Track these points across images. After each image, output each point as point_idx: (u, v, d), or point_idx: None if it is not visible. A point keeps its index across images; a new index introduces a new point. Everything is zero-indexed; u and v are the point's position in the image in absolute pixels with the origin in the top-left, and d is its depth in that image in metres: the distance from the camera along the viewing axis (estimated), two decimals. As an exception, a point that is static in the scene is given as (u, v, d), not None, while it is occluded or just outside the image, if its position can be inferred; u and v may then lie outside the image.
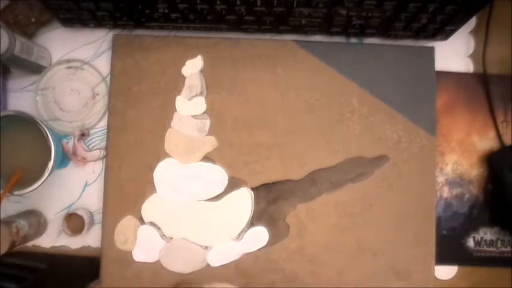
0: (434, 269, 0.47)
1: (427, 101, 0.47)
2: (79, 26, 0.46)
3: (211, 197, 0.46)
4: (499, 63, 0.48)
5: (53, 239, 0.48)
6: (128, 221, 0.46)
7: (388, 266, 0.46)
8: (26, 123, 0.43)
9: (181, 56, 0.46)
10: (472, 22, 0.48)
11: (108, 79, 0.48)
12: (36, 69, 0.47)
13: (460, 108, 0.49)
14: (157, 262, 0.46)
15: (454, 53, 0.49)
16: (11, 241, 0.41)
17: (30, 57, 0.44)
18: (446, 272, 0.49)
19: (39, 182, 0.42)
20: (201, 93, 0.46)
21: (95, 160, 0.48)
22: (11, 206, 0.48)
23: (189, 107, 0.46)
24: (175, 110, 0.46)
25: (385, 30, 0.46)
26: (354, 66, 0.47)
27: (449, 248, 0.48)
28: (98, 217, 0.48)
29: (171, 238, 0.46)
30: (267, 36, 0.48)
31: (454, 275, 0.49)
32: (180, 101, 0.46)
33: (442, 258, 0.47)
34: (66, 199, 0.48)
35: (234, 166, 0.46)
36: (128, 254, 0.46)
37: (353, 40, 0.48)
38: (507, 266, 0.49)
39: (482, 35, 0.48)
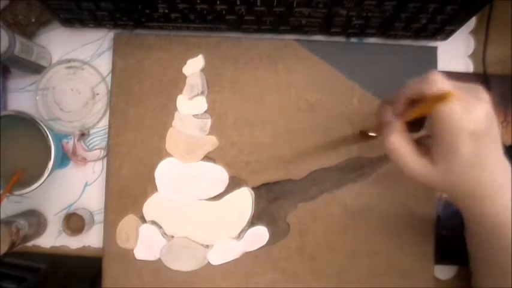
0: (434, 269, 0.47)
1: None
2: (79, 26, 0.46)
3: (212, 196, 0.46)
4: (499, 63, 0.48)
5: (53, 239, 0.48)
6: (129, 220, 0.46)
7: (388, 266, 0.46)
8: (26, 123, 0.43)
9: (182, 55, 0.46)
10: (472, 22, 0.48)
11: (108, 79, 0.48)
12: (36, 69, 0.47)
13: (460, 108, 0.49)
14: (159, 260, 0.46)
15: (454, 53, 0.48)
16: (11, 241, 0.41)
17: (30, 57, 0.44)
18: (446, 272, 0.49)
19: (39, 182, 0.42)
20: (202, 93, 0.46)
21: (95, 160, 0.48)
22: (11, 206, 0.48)
23: (190, 106, 0.46)
24: (177, 109, 0.46)
25: (385, 30, 0.46)
26: (355, 65, 0.47)
27: (449, 248, 0.48)
28: (98, 217, 0.48)
29: (172, 237, 0.46)
30: (267, 36, 0.48)
31: (453, 275, 0.49)
32: (181, 100, 0.46)
33: (442, 258, 0.47)
34: (66, 199, 0.48)
35: (235, 166, 0.46)
36: (130, 252, 0.46)
37: (353, 40, 0.48)
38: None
39: (482, 35, 0.48)
